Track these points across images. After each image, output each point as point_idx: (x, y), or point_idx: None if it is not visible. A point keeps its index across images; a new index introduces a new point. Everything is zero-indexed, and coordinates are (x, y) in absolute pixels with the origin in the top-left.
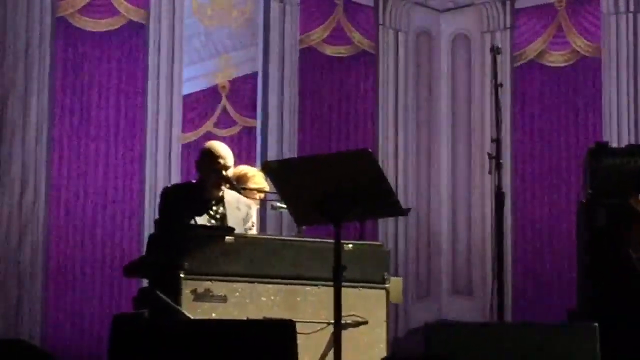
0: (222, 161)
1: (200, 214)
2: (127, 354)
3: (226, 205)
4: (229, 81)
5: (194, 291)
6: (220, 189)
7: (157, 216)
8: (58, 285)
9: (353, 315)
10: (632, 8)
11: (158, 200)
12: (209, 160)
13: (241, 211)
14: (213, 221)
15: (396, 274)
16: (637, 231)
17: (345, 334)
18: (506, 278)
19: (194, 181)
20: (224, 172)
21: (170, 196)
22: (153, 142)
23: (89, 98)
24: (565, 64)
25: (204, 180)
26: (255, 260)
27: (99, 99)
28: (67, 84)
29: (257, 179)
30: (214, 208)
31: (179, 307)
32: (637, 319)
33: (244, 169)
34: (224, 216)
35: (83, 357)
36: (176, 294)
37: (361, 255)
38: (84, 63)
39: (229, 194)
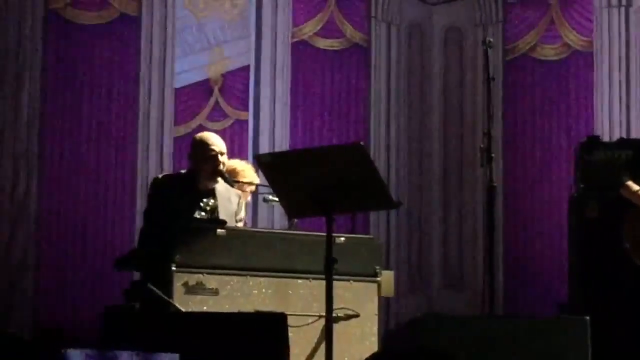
0: (215, 148)
1: (191, 206)
2: (118, 346)
3: (218, 196)
4: (221, 74)
5: (185, 284)
6: (214, 180)
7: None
8: (49, 278)
9: (344, 308)
10: (624, 2)
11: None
12: (202, 149)
13: (232, 203)
14: (203, 213)
15: (387, 267)
16: (630, 221)
17: (337, 327)
18: (497, 271)
19: (184, 171)
20: (220, 158)
21: (161, 186)
22: (145, 135)
23: (81, 91)
24: (557, 57)
25: (197, 170)
26: (247, 253)
27: (90, 92)
28: (58, 77)
29: (247, 172)
30: (205, 200)
31: (170, 300)
32: (628, 312)
33: (233, 163)
34: (214, 209)
35: None
36: (168, 287)
37: (353, 249)
38: (75, 56)
39: (220, 185)
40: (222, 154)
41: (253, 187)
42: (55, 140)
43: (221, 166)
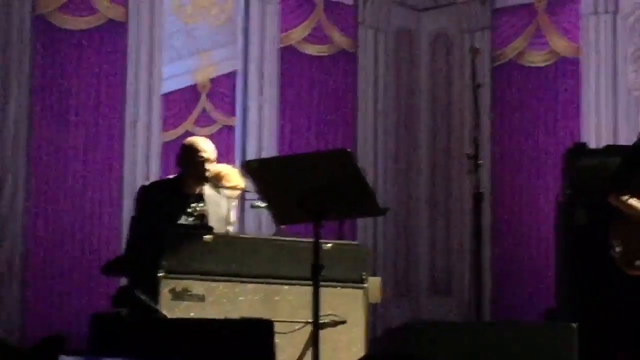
0: (204, 154)
1: (178, 211)
2: (105, 352)
3: (207, 201)
4: (209, 80)
5: (172, 290)
6: (201, 184)
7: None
8: (36, 283)
9: (331, 314)
10: (611, 8)
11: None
12: (191, 154)
13: (222, 207)
14: (191, 219)
15: (375, 274)
16: (617, 228)
17: (324, 333)
18: (484, 278)
19: (171, 177)
20: (206, 166)
21: (148, 193)
22: (132, 140)
23: (68, 96)
24: (545, 64)
25: (184, 175)
26: (234, 259)
27: (78, 97)
28: (46, 82)
29: (232, 176)
30: (193, 205)
31: (157, 306)
32: (615, 318)
33: (217, 167)
34: (203, 214)
35: None
36: (154, 293)
37: (340, 255)
38: (63, 61)
39: (209, 189)
40: (210, 161)
41: (238, 192)
42: (42, 145)
43: (207, 173)
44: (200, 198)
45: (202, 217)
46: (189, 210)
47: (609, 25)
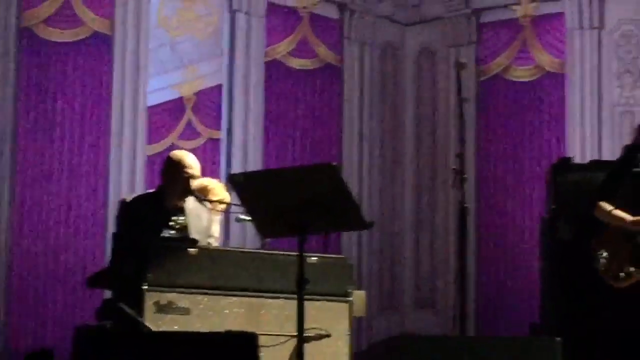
0: (190, 171)
1: (160, 224)
2: None
3: (187, 214)
4: (194, 93)
5: (156, 303)
6: (183, 199)
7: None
8: (20, 296)
9: (316, 328)
10: (595, 24)
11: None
12: (176, 169)
13: (202, 220)
14: (172, 231)
15: (360, 287)
16: (602, 240)
17: (308, 347)
18: (469, 292)
19: (151, 191)
20: (191, 182)
21: (129, 208)
22: (117, 153)
23: (54, 109)
24: (530, 79)
25: (166, 188)
26: (219, 272)
27: (63, 109)
28: (31, 94)
29: (217, 190)
30: (174, 218)
31: (141, 319)
32: (599, 333)
33: (203, 181)
34: (184, 227)
35: None
36: (139, 306)
37: (325, 269)
38: (48, 73)
39: (190, 202)
40: (195, 177)
41: (224, 206)
42: (27, 157)
43: (192, 188)
44: (181, 211)
45: (183, 230)
46: (171, 223)
47: (594, 40)
